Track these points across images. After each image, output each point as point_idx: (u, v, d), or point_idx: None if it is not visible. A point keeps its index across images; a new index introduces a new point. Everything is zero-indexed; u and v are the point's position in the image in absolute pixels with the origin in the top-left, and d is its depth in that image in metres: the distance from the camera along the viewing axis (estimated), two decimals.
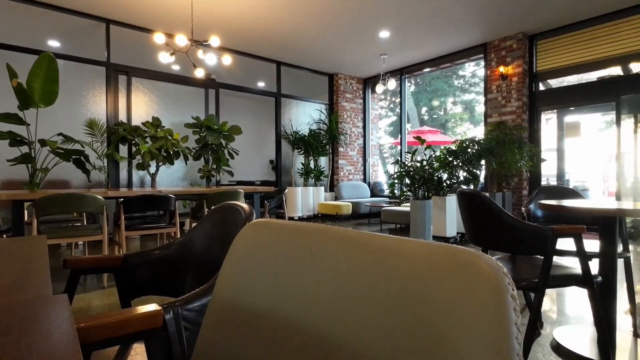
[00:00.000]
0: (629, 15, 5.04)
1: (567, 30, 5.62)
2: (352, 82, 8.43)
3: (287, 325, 0.52)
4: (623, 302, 2.48)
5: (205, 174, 6.08)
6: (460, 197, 1.90)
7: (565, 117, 7.37)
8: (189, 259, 1.28)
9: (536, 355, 1.81)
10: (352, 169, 8.48)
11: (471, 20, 5.41)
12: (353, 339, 0.45)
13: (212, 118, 6.06)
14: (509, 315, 0.36)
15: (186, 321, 0.77)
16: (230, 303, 0.60)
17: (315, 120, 8.27)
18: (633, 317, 2.15)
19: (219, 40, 4.44)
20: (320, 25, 5.57)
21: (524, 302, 2.46)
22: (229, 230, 1.13)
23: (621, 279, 2.48)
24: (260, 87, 7.97)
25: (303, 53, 6.84)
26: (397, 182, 4.83)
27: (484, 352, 0.35)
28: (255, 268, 0.60)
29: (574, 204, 1.76)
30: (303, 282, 0.53)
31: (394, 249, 0.47)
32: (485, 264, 0.39)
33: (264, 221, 0.66)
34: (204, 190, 3.74)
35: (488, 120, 6.25)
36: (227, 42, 6.22)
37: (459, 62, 7.49)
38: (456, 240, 4.88)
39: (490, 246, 1.80)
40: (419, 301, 0.41)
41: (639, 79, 5.22)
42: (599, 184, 10.75)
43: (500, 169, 5.61)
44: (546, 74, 5.96)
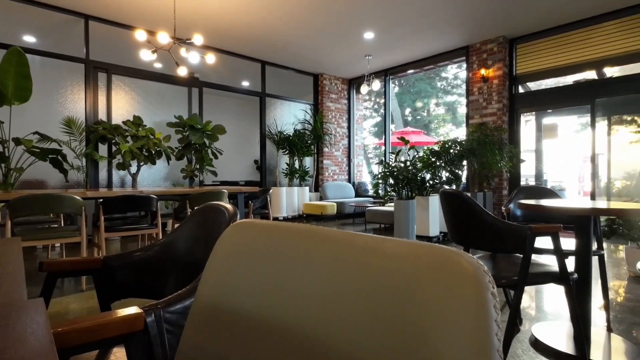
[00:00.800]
0: (603, 21, 5.23)
1: (545, 35, 5.78)
2: (337, 83, 8.46)
3: (272, 326, 0.52)
4: (597, 298, 2.57)
5: (188, 174, 5.99)
6: (443, 197, 1.93)
7: (543, 119, 7.59)
8: (171, 260, 1.26)
9: (516, 351, 1.86)
10: (336, 169, 8.50)
11: (453, 23, 5.51)
12: (338, 338, 0.45)
13: (196, 117, 5.97)
14: (490, 313, 0.37)
15: (168, 324, 0.76)
16: (213, 305, 0.60)
17: (300, 120, 8.26)
18: (607, 312, 2.23)
19: (202, 39, 4.38)
20: (305, 25, 5.57)
21: (504, 299, 2.52)
22: (212, 231, 1.11)
23: (596, 276, 2.57)
24: (244, 87, 7.91)
25: (288, 53, 6.82)
26: (381, 182, 4.87)
27: (465, 349, 0.36)
28: (239, 269, 0.59)
29: (551, 204, 1.81)
30: (288, 283, 0.53)
31: (378, 249, 0.47)
32: (466, 262, 0.39)
33: (247, 221, 0.65)
34: (187, 191, 3.68)
35: (470, 122, 6.37)
36: (210, 40, 6.14)
37: (442, 64, 7.61)
38: (439, 240, 4.96)
39: (471, 245, 1.84)
40: (403, 300, 0.41)
41: (613, 83, 5.43)
42: (575, 184, 11.12)
43: (481, 170, 5.73)
44: (525, 77, 6.12)
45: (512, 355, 1.81)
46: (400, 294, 0.41)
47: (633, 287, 2.92)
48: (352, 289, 0.46)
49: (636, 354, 1.78)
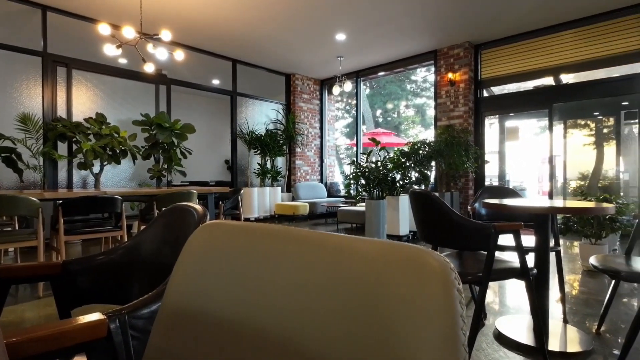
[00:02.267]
0: (560, 31, 5.56)
1: (507, 42, 6.06)
2: (309, 83, 8.47)
3: (242, 328, 0.51)
4: (555, 292, 2.73)
5: (156, 174, 5.79)
6: (412, 197, 1.98)
7: (506, 122, 7.95)
8: (137, 263, 1.21)
9: (480, 344, 1.93)
10: (309, 170, 8.51)
11: (422, 27, 5.66)
12: (310, 340, 0.45)
13: (164, 115, 5.78)
14: (455, 308, 0.38)
15: (134, 330, 0.73)
16: (181, 308, 0.58)
17: (272, 120, 8.19)
18: (563, 304, 2.37)
19: (170, 35, 4.25)
20: (277, 24, 5.53)
21: (470, 295, 2.62)
22: (180, 233, 1.08)
23: (553, 271, 2.73)
24: (215, 85, 7.75)
25: (259, 52, 6.75)
26: (353, 183, 4.93)
27: (432, 344, 0.37)
28: (208, 271, 0.58)
29: (513, 203, 1.90)
30: (259, 285, 0.52)
31: (349, 248, 0.48)
32: (434, 260, 0.41)
33: (218, 222, 0.64)
34: (154, 191, 3.56)
35: (438, 124, 6.57)
36: (179, 37, 5.97)
37: (412, 67, 7.80)
38: (409, 239, 5.07)
39: (439, 243, 1.89)
40: (373, 298, 0.42)
41: (569, 89, 5.78)
42: (534, 184, 11.72)
43: (449, 170, 5.92)
44: (489, 81, 6.39)
45: (477, 348, 1.89)
46: (370, 293, 0.42)
47: (586, 281, 3.12)
48: (324, 289, 0.46)
49: (589, 343, 1.91)
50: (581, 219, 3.36)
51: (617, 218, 3.28)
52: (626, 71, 5.20)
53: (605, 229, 3.28)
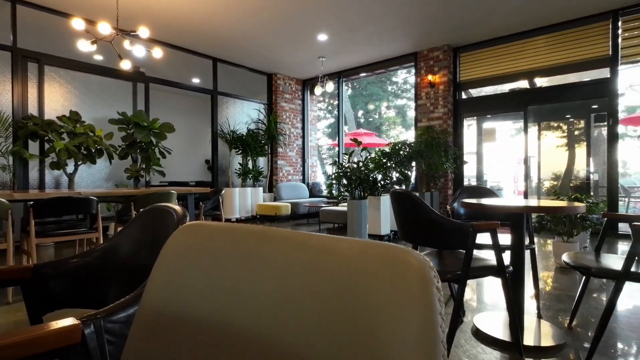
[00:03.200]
0: (534, 36, 5.75)
1: (485, 45, 6.22)
2: (291, 83, 8.44)
3: (223, 330, 0.50)
4: (529, 289, 2.82)
5: (133, 174, 5.64)
6: (393, 197, 2.01)
7: (483, 124, 8.17)
8: (113, 266, 1.18)
9: (459, 341, 1.98)
10: (291, 170, 8.48)
11: (403, 30, 5.74)
12: (291, 339, 0.45)
13: (141, 114, 5.64)
14: (434, 306, 0.39)
15: (110, 334, 0.71)
16: (160, 311, 0.57)
17: (254, 119, 8.13)
18: (537, 300, 2.45)
19: (148, 32, 4.16)
20: (258, 24, 5.49)
21: (449, 292, 2.67)
22: (159, 234, 1.06)
23: (528, 268, 2.82)
24: (195, 84, 7.62)
25: (241, 51, 6.69)
26: (335, 183, 4.95)
27: (412, 341, 0.37)
28: (188, 273, 0.57)
29: (490, 203, 1.96)
30: (240, 285, 0.52)
31: (330, 248, 0.48)
32: (413, 259, 0.41)
33: (198, 223, 0.63)
34: (132, 192, 3.47)
35: (418, 125, 6.67)
36: (158, 34, 5.85)
37: (393, 69, 7.90)
38: (390, 238, 5.13)
39: (420, 242, 1.92)
40: (354, 297, 0.42)
41: (542, 92, 5.98)
42: (510, 184, 12.08)
43: (428, 170, 6.03)
44: (467, 83, 6.54)
45: (456, 345, 1.93)
46: (352, 292, 0.42)
47: (559, 277, 3.23)
48: (306, 289, 0.46)
49: (561, 337, 1.98)
50: (554, 217, 3.49)
51: (588, 217, 3.42)
52: (595, 76, 5.43)
53: (577, 227, 3.41)
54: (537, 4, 4.89)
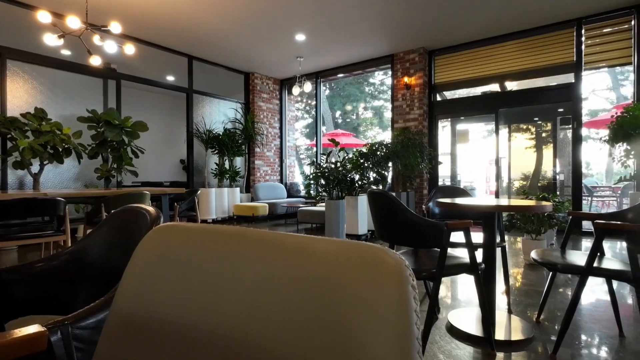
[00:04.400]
0: (505, 41, 5.96)
1: (458, 49, 6.40)
2: (269, 83, 8.39)
3: (199, 334, 0.50)
4: (500, 285, 2.92)
5: (104, 174, 5.44)
6: (370, 197, 2.03)
7: (457, 125, 8.39)
8: (82, 270, 1.13)
9: (434, 337, 2.02)
10: (268, 170, 8.42)
11: (380, 32, 5.82)
12: (269, 340, 0.44)
13: (113, 112, 5.45)
14: (410, 304, 0.39)
15: (79, 341, 0.68)
16: (132, 315, 0.55)
17: (231, 119, 8.02)
18: (508, 296, 2.54)
19: (120, 27, 4.02)
20: (236, 22, 5.42)
21: (425, 290, 2.73)
22: (131, 236, 1.03)
23: (499, 265, 2.92)
24: (169, 82, 7.44)
25: (217, 49, 6.58)
26: (313, 183, 4.95)
27: (388, 338, 0.38)
28: (162, 275, 0.56)
29: (464, 202, 2.01)
30: (216, 288, 0.51)
31: (308, 248, 0.48)
32: (389, 258, 0.42)
33: (172, 225, 0.62)
34: (102, 192, 3.35)
35: (394, 126, 6.78)
36: (131, 30, 5.66)
37: (370, 70, 7.99)
38: (367, 237, 5.19)
39: (396, 241, 1.95)
40: (332, 297, 0.42)
41: (512, 96, 6.21)
42: (483, 183, 12.47)
43: (405, 171, 6.14)
44: (442, 86, 6.70)
45: (431, 341, 1.97)
46: (329, 291, 0.43)
47: (528, 274, 3.37)
48: (283, 289, 0.46)
49: (530, 331, 2.06)
50: (523, 216, 3.63)
51: (554, 215, 3.58)
52: (561, 80, 5.70)
53: (544, 225, 3.56)
54: (508, 11, 5.07)
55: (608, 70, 12.36)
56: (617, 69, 11.85)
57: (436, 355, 1.81)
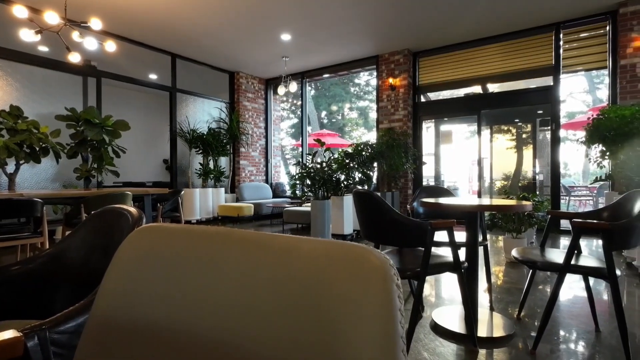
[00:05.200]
0: (487, 44, 6.08)
1: (442, 51, 6.50)
2: (254, 82, 8.33)
3: (182, 338, 0.49)
4: (483, 283, 2.98)
5: (84, 174, 5.30)
6: (356, 197, 2.04)
7: (440, 126, 8.52)
8: (61, 273, 1.10)
9: (418, 335, 2.05)
10: (254, 170, 8.37)
11: (366, 33, 5.85)
12: (255, 342, 0.44)
13: (93, 110, 5.31)
14: (394, 303, 0.40)
15: (57, 346, 0.66)
16: (113, 319, 0.54)
17: (215, 118, 7.93)
18: (490, 294, 2.60)
19: (100, 24, 3.93)
20: (220, 20, 5.37)
21: (409, 289, 2.76)
22: (112, 238, 1.01)
23: (481, 263, 2.97)
24: (152, 80, 7.30)
25: (202, 47, 6.50)
26: (299, 183, 4.94)
27: (372, 337, 0.38)
28: (145, 277, 0.55)
29: (447, 202, 2.04)
30: (201, 290, 0.50)
31: (294, 249, 0.48)
32: (374, 258, 0.42)
33: (154, 226, 0.61)
34: (82, 193, 3.26)
35: (379, 126, 6.83)
36: (112, 26, 5.53)
37: (355, 71, 8.03)
38: (352, 237, 5.21)
39: (381, 241, 1.97)
40: (317, 296, 0.42)
41: (494, 97, 6.35)
42: (466, 183, 12.70)
43: (389, 171, 6.19)
44: (426, 87, 6.79)
45: (416, 339, 2.00)
46: (315, 291, 0.43)
47: (509, 272, 3.45)
48: (269, 290, 0.46)
49: (511, 328, 2.11)
50: (504, 215, 3.71)
51: (534, 214, 3.68)
52: (541, 83, 5.85)
53: (524, 224, 3.65)
54: (490, 14, 5.17)
55: (585, 74, 12.79)
56: (593, 73, 12.27)
57: (420, 353, 1.84)
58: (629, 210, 1.97)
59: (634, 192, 2.00)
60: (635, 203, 1.94)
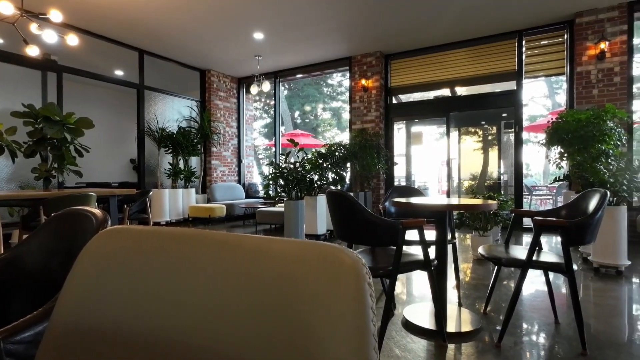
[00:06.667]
0: (456, 48, 6.28)
1: (413, 54, 6.65)
2: (226, 81, 8.19)
3: (151, 344, 0.47)
4: (451, 279, 3.07)
5: (43, 175, 5.00)
6: (329, 197, 2.05)
7: (411, 128, 8.72)
8: (17, 279, 1.04)
9: (390, 333, 2.09)
10: (226, 170, 8.22)
11: (339, 34, 5.89)
12: (228, 343, 0.43)
13: (53, 107, 5.03)
14: (366, 301, 0.40)
15: (13, 357, 0.62)
16: (75, 326, 0.51)
17: (186, 117, 7.72)
18: (458, 290, 2.69)
19: (61, 16, 3.73)
20: (191, 16, 5.24)
21: (382, 288, 2.81)
22: (75, 242, 0.96)
23: (450, 261, 3.07)
24: (118, 76, 7.01)
25: (171, 44, 6.31)
26: (272, 183, 4.91)
27: (344, 336, 0.39)
28: (109, 282, 0.52)
29: (418, 201, 2.09)
30: (169, 294, 0.49)
31: (266, 250, 0.48)
32: (347, 257, 0.43)
33: (120, 228, 0.58)
34: (41, 194, 3.09)
35: (352, 127, 6.90)
36: (74, 19, 5.27)
37: (328, 72, 8.07)
38: (326, 237, 5.23)
39: (354, 240, 1.99)
40: (290, 297, 0.42)
41: (462, 100, 6.57)
42: (435, 183, 13.06)
43: (362, 171, 6.27)
44: (397, 89, 6.93)
45: (388, 337, 2.03)
46: (287, 292, 0.43)
47: (476, 268, 3.58)
48: (240, 292, 0.45)
49: (478, 322, 2.19)
50: (472, 214, 3.85)
51: (499, 213, 3.84)
52: (505, 87, 6.12)
53: (490, 223, 3.80)
54: (458, 20, 5.35)
55: (545, 79, 13.49)
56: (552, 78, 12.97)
57: (392, 350, 1.87)
58: (584, 208, 2.09)
59: (589, 191, 2.13)
60: (590, 202, 2.06)
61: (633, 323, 2.23)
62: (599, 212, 1.86)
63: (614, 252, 3.28)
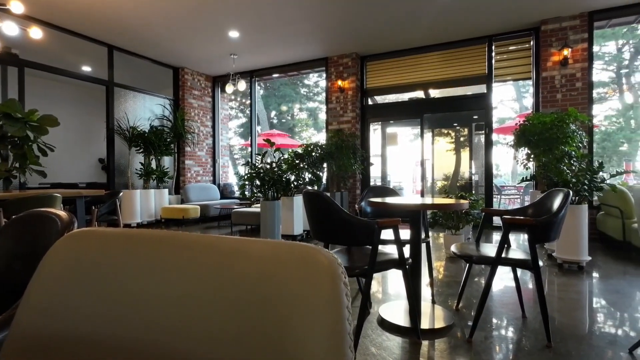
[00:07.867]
0: (429, 51, 6.43)
1: (387, 56, 6.75)
2: (201, 79, 8.03)
3: (121, 350, 0.46)
4: (425, 277, 3.14)
5: (3, 175, 4.73)
6: (306, 197, 2.05)
7: (387, 129, 8.85)
8: None
9: (366, 331, 2.11)
10: (200, 170, 8.06)
11: (315, 35, 5.90)
12: (204, 344, 0.42)
13: (14, 103, 4.76)
14: (342, 301, 0.41)
15: None
16: (38, 334, 0.49)
17: (158, 116, 7.51)
18: (431, 288, 2.75)
19: (22, 7, 3.54)
20: (164, 12, 5.10)
21: (357, 287, 2.83)
22: (37, 245, 0.91)
23: (424, 259, 3.14)
24: (86, 72, 6.73)
25: (143, 40, 6.12)
26: (248, 184, 4.85)
27: (320, 335, 0.39)
28: (75, 287, 0.50)
29: (393, 201, 2.13)
30: (141, 298, 0.47)
31: (241, 251, 0.47)
32: (323, 257, 0.43)
33: (88, 230, 0.56)
34: (1, 195, 2.91)
35: (329, 127, 6.93)
36: (37, 11, 5.01)
37: (305, 72, 8.07)
38: (303, 238, 5.23)
39: (331, 240, 2.00)
40: (266, 297, 0.42)
41: (435, 102, 6.73)
42: (410, 183, 13.32)
43: (339, 171, 6.31)
44: (373, 90, 7.02)
45: (364, 335, 2.05)
46: (263, 292, 0.42)
47: (449, 266, 3.68)
48: (216, 295, 0.44)
49: (451, 319, 2.25)
50: (445, 213, 3.95)
51: (470, 212, 3.96)
52: (476, 90, 6.32)
53: (462, 222, 3.92)
54: (431, 24, 5.48)
55: (513, 83, 14.05)
56: (520, 83, 13.53)
57: (368, 348, 1.89)
58: (549, 207, 2.19)
59: (553, 191, 2.24)
60: (554, 201, 2.17)
61: (593, 316, 2.36)
62: (563, 211, 1.96)
63: (576, 249, 3.46)
